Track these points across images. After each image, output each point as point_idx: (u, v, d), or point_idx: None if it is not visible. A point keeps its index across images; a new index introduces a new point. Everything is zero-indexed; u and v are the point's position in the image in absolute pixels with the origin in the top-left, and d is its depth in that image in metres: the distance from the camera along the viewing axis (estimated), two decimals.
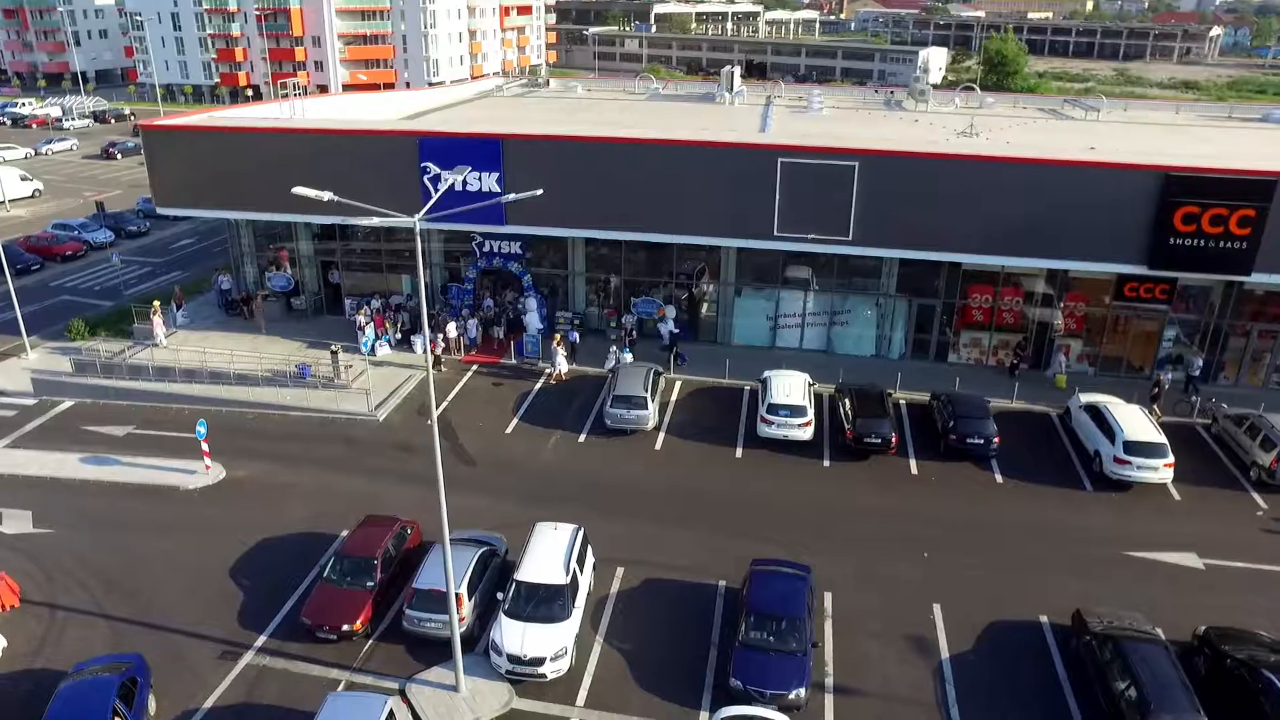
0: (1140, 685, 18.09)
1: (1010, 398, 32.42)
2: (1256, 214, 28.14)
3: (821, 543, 24.64)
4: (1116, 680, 18.73)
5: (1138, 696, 17.95)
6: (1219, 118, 53.94)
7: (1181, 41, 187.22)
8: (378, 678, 19.98)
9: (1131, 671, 18.48)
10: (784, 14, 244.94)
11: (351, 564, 21.65)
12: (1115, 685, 18.68)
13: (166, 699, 19.35)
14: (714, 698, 19.56)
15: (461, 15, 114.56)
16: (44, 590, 23.04)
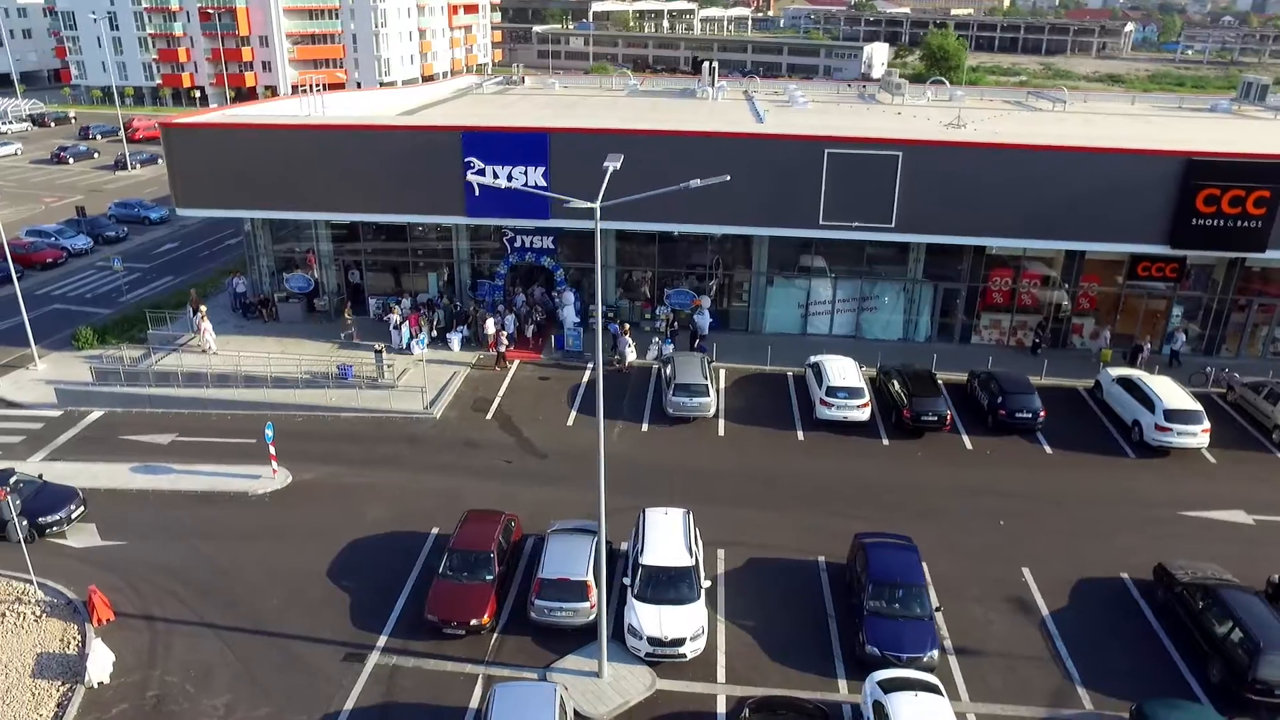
0: (1245, 627, 19.52)
1: (1040, 374, 33.98)
2: (1271, 194, 30.22)
3: (899, 517, 25.52)
4: (1217, 625, 20.14)
5: (1243, 637, 19.38)
6: (1171, 107, 56.90)
7: (1098, 37, 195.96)
8: (514, 669, 20.05)
9: (1233, 615, 19.93)
10: (717, 11, 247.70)
11: (467, 558, 21.61)
12: (1217, 629, 20.09)
13: (302, 704, 19.13)
14: (846, 666, 20.30)
15: (411, 14, 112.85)
16: (135, 603, 22.38)
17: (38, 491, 25.44)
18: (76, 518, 25.29)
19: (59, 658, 20.62)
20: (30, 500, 24.83)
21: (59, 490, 25.75)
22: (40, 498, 25.20)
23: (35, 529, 24.52)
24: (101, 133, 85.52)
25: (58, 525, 24.87)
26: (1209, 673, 20.06)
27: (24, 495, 24.80)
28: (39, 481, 25.98)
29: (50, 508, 24.92)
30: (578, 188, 33.03)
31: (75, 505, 25.24)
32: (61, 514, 24.91)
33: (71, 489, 25.87)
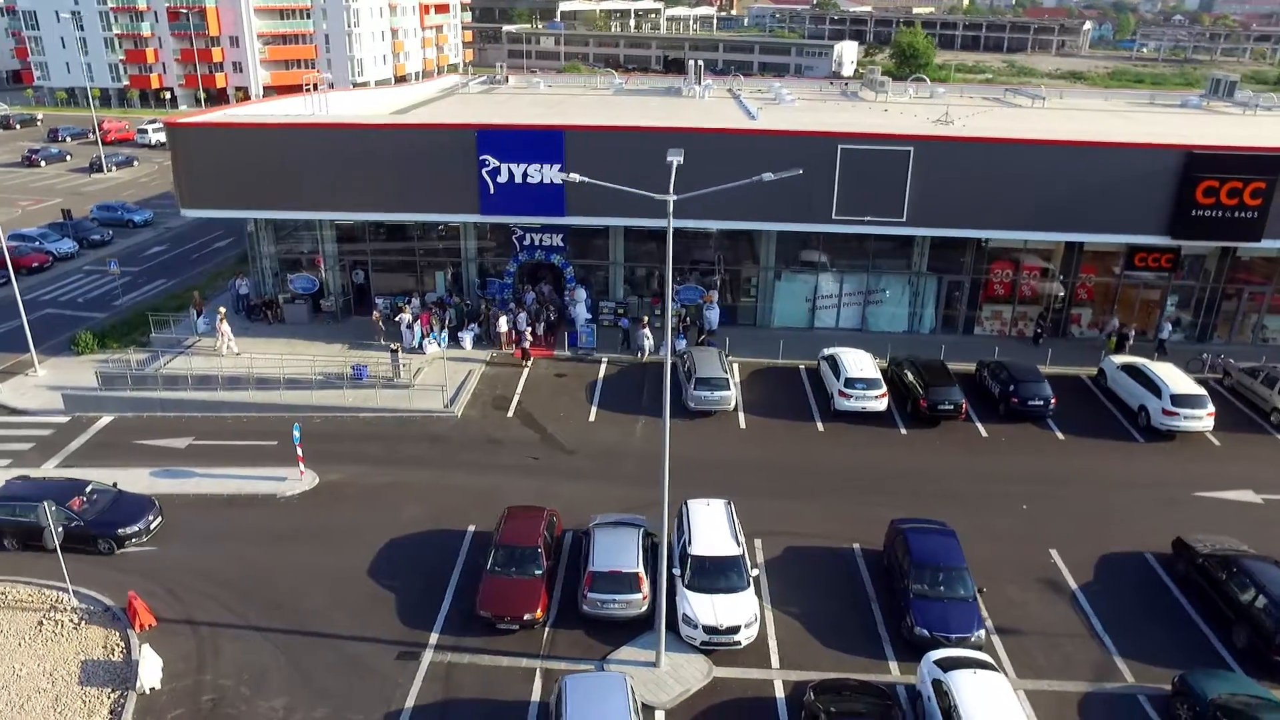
0: (1269, 594, 20.48)
1: (1044, 363, 34.82)
2: (1266, 186, 31.34)
3: (925, 503, 26.05)
4: (1240, 593, 21.07)
5: (1268, 604, 20.31)
6: (1143, 103, 58.42)
7: (1058, 35, 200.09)
8: (569, 662, 20.19)
9: (1256, 583, 20.88)
10: (683, 10, 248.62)
11: (515, 554, 21.67)
12: (1240, 597, 21.02)
13: (361, 703, 19.12)
14: (895, 648, 20.76)
15: (384, 14, 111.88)
16: (174, 608, 22.12)
17: (114, 501, 24.80)
18: (156, 528, 24.64)
19: (105, 665, 20.37)
20: (108, 510, 24.30)
21: (136, 500, 25.13)
22: (118, 508, 24.58)
23: (114, 540, 23.93)
24: (71, 135, 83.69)
25: (137, 537, 24.19)
26: (1234, 639, 21.02)
27: (100, 506, 24.35)
28: (114, 490, 25.28)
29: (129, 518, 24.29)
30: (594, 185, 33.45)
31: (154, 515, 24.67)
32: (141, 524, 24.26)
33: (148, 498, 25.26)
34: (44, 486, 25.01)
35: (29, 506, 23.37)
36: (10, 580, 23.18)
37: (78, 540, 23.67)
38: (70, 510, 23.84)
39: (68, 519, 23.57)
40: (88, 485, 25.01)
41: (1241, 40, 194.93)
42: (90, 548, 23.88)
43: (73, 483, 25.33)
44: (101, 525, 23.95)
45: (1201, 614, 22.07)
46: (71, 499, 24.22)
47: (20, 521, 23.56)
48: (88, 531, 23.82)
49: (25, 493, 24.46)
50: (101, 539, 23.89)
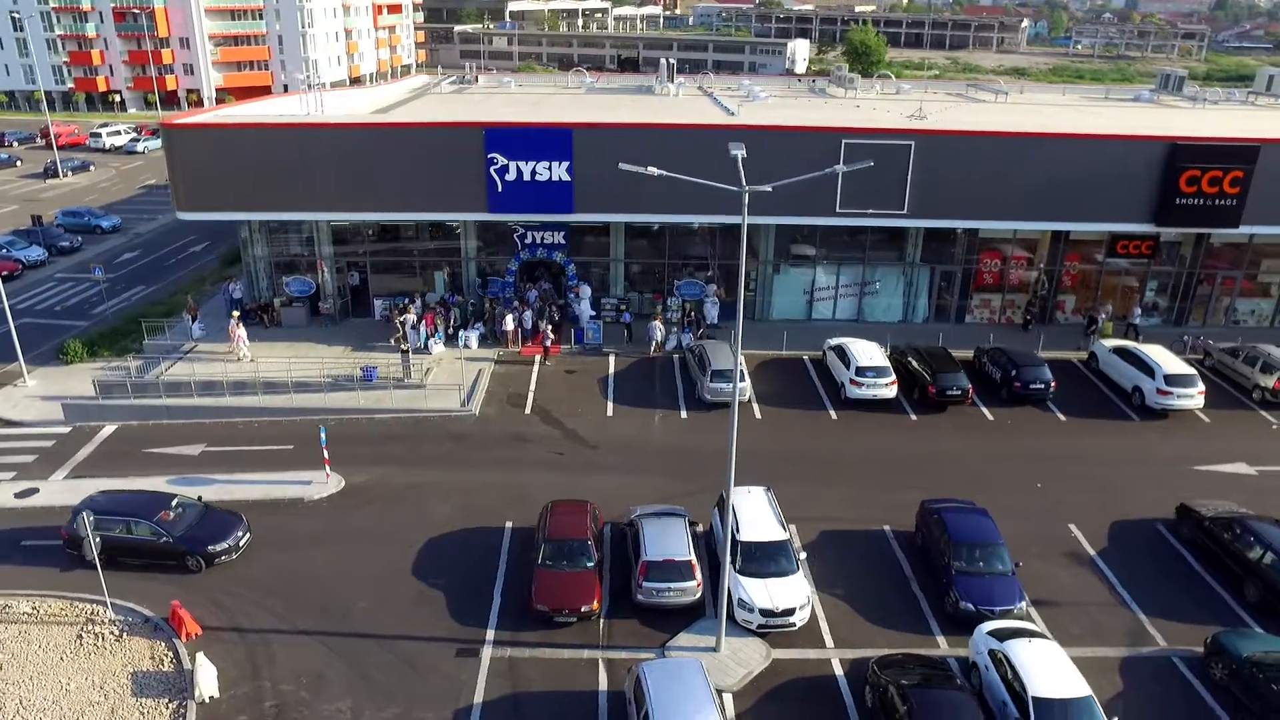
0: (1276, 550, 21.94)
1: (1036, 348, 36.05)
2: (1244, 174, 33.01)
3: (945, 485, 26.84)
4: (1248, 551, 22.54)
5: (1276, 559, 21.79)
6: (1098, 98, 60.68)
7: (998, 33, 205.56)
8: (629, 651, 20.47)
9: (1263, 541, 22.42)
10: (630, 10, 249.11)
11: (565, 547, 21.85)
12: (1248, 554, 22.48)
13: (428, 701, 19.15)
14: (940, 624, 21.50)
15: (337, 14, 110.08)
16: (218, 616, 21.81)
17: (202, 516, 23.79)
18: (245, 545, 23.68)
19: (157, 675, 20.03)
20: (195, 526, 23.33)
21: (223, 516, 24.09)
22: (206, 524, 23.57)
23: (203, 558, 22.94)
24: (18, 139, 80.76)
25: (227, 555, 23.20)
26: (1245, 594, 22.48)
27: (188, 521, 23.40)
28: (200, 504, 24.30)
29: (217, 535, 23.29)
30: (601, 181, 33.79)
31: (243, 531, 23.71)
32: (230, 541, 23.29)
33: (236, 513, 24.27)
34: (129, 500, 24.08)
35: (115, 521, 22.87)
36: (40, 594, 22.61)
37: (165, 557, 22.94)
38: (158, 525, 22.96)
39: (155, 534, 22.83)
40: (173, 499, 24.04)
41: (1169, 37, 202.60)
42: (178, 565, 23.01)
43: (157, 496, 24.40)
44: (190, 542, 22.93)
45: (1210, 573, 23.49)
46: (158, 513, 23.28)
47: (107, 535, 22.58)
48: (176, 548, 22.87)
49: (111, 506, 23.46)
50: (190, 556, 22.91)
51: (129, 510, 23.34)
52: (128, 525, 22.97)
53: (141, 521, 22.96)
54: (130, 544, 23.01)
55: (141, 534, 22.94)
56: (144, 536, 22.93)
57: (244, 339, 33.85)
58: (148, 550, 23.03)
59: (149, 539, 22.91)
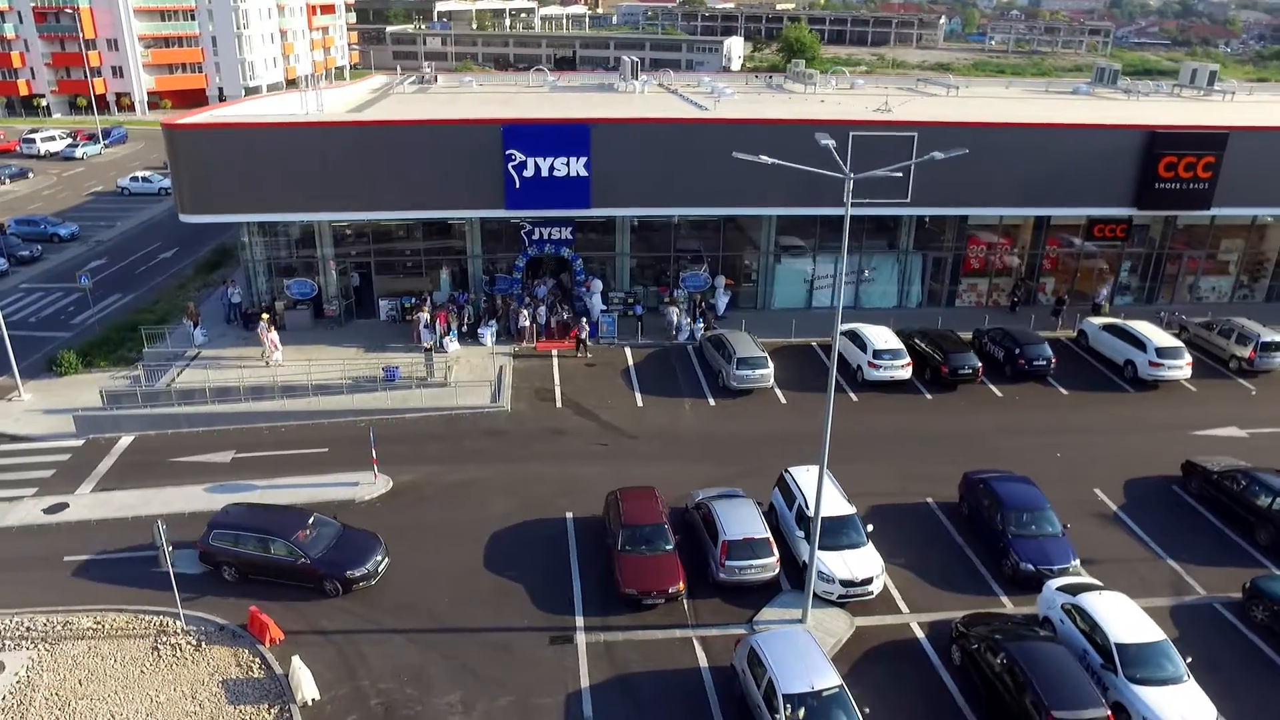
0: None
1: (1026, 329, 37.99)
2: (1215, 160, 35.49)
3: (974, 457, 28.14)
4: (1257, 499, 24.72)
5: None
6: (1039, 90, 63.73)
7: (917, 29, 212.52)
8: (719, 628, 21.12)
9: (1270, 489, 24.59)
10: (556, 9, 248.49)
11: (643, 532, 22.31)
12: (1257, 502, 24.65)
13: (539, 688, 19.41)
14: (1000, 585, 22.77)
15: (272, 15, 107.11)
16: (295, 620, 21.54)
17: (340, 537, 22.63)
18: (383, 570, 22.51)
19: (249, 682, 19.77)
20: (334, 549, 22.22)
21: (362, 536, 22.93)
22: (345, 545, 22.41)
23: (341, 583, 21.83)
24: None
25: (365, 580, 22.01)
26: (1257, 538, 24.59)
27: (326, 541, 22.35)
28: (338, 524, 23.11)
29: (356, 558, 22.14)
30: (618, 176, 34.28)
31: (382, 555, 22.55)
32: (370, 565, 22.11)
33: (374, 535, 23.06)
34: (265, 515, 23.19)
35: (252, 538, 22.18)
36: (99, 609, 22.00)
37: (300, 579, 22.02)
38: (296, 544, 22.03)
39: (291, 554, 21.92)
40: (310, 516, 23.02)
41: (1076, 34, 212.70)
42: (314, 589, 22.06)
43: (294, 512, 23.46)
44: (328, 565, 21.84)
45: (1223, 522, 25.57)
46: (296, 531, 22.29)
47: (241, 552, 22.21)
48: (314, 571, 21.86)
49: (245, 522, 22.74)
50: (328, 580, 21.85)
51: (265, 527, 22.42)
52: (264, 543, 22.12)
53: (278, 540, 22.02)
54: (265, 562, 22.16)
55: (278, 553, 22.02)
56: (280, 556, 22.02)
57: (276, 342, 33.11)
58: (283, 570, 22.09)
59: (285, 559, 21.96)
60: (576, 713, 18.70)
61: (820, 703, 17.09)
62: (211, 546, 22.48)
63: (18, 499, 26.69)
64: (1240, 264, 41.74)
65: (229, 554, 22.39)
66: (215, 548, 22.50)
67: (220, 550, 22.47)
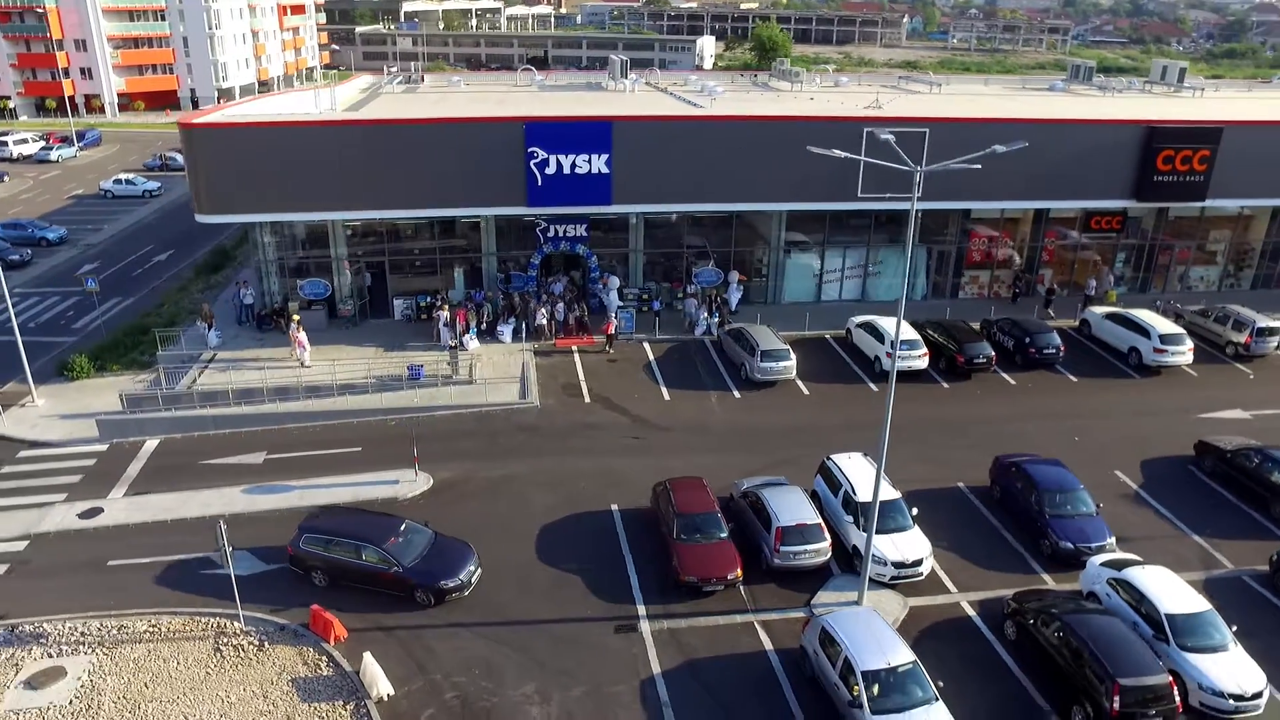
0: None
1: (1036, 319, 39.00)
2: (1210, 153, 36.84)
3: (994, 444, 28.87)
4: (1272, 475, 25.86)
5: None
6: (1016, 88, 65.23)
7: (881, 28, 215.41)
8: (779, 612, 21.62)
9: None
10: (522, 9, 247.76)
11: (697, 521, 22.70)
12: (1273, 478, 25.78)
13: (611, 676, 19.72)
14: (1041, 563, 23.56)
15: (244, 15, 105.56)
16: (354, 618, 21.51)
17: (432, 546, 22.12)
18: (476, 581, 21.99)
19: (319, 680, 19.81)
20: (426, 557, 21.75)
21: (454, 545, 22.42)
22: (437, 554, 21.89)
23: (434, 594, 21.30)
24: None
25: (459, 591, 21.53)
26: (1272, 512, 25.68)
27: (417, 549, 21.85)
28: (430, 532, 22.59)
29: (449, 568, 21.64)
30: (638, 173, 34.67)
31: (474, 565, 22.05)
32: (463, 576, 21.58)
33: (466, 544, 22.55)
34: (356, 521, 22.81)
35: (343, 543, 21.88)
36: (152, 612, 21.87)
37: (391, 587, 21.62)
38: (389, 552, 21.59)
39: (384, 562, 21.52)
40: (401, 523, 22.60)
41: (1037, 32, 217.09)
42: (405, 598, 21.63)
43: (385, 518, 23.07)
44: (421, 574, 21.36)
45: (1237, 497, 26.67)
46: (388, 538, 21.87)
47: (332, 558, 21.90)
48: (406, 580, 21.37)
49: (336, 527, 22.43)
50: (420, 590, 21.36)
51: (356, 532, 22.09)
52: (356, 549, 21.76)
53: (369, 546, 21.65)
54: (356, 569, 21.80)
55: (369, 560, 21.64)
56: (371, 563, 21.63)
57: (304, 342, 32.92)
58: (374, 578, 21.73)
59: (377, 566, 21.58)
60: (652, 699, 19.05)
61: (896, 678, 17.67)
62: (301, 550, 22.27)
63: (49, 505, 26.36)
64: (1228, 254, 43.27)
65: (319, 558, 22.09)
66: (305, 551, 22.25)
67: (310, 554, 22.18)
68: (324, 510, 23.52)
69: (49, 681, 19.89)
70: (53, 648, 20.92)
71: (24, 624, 21.60)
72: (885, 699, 17.36)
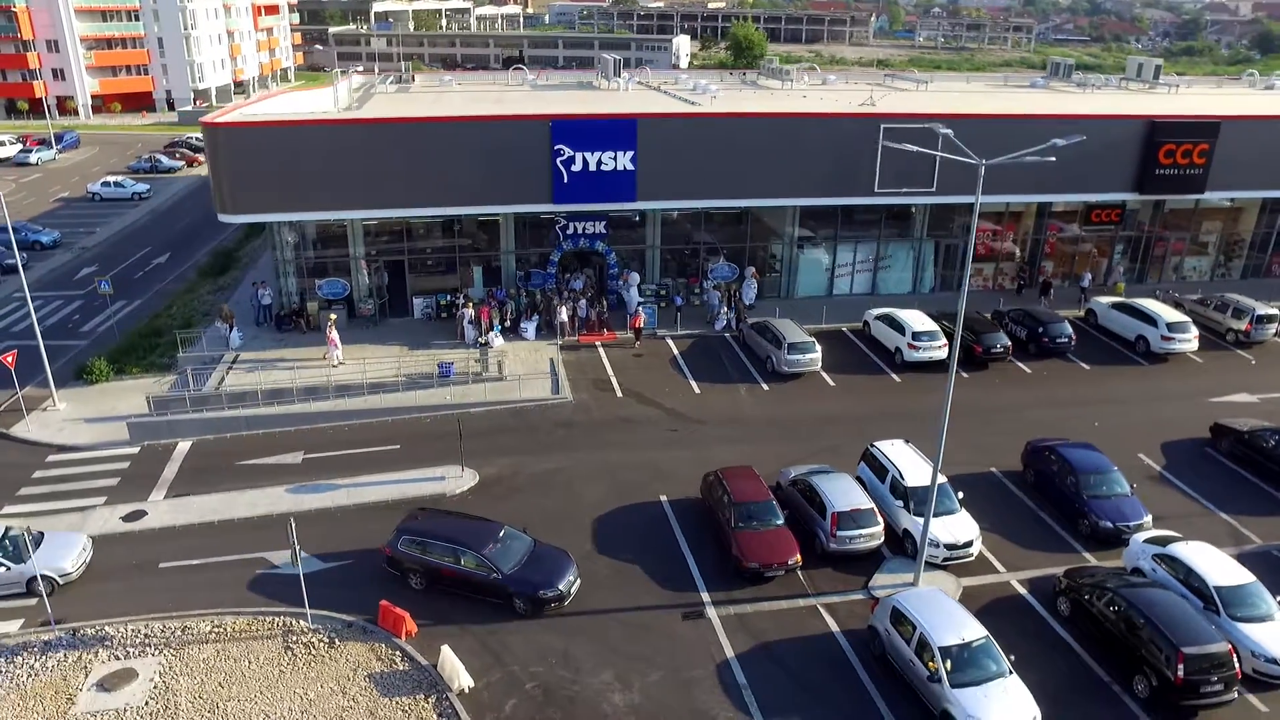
0: None
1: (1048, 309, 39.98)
2: (1209, 147, 38.15)
3: (1019, 430, 29.66)
4: None
5: None
6: (998, 84, 66.65)
7: (849, 27, 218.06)
8: (839, 595, 22.17)
9: None
10: (491, 9, 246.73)
11: (754, 509, 23.15)
12: None
13: (688, 661, 20.12)
14: (1080, 542, 24.38)
15: (219, 15, 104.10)
16: (423, 613, 21.59)
17: (532, 553, 21.84)
18: (575, 592, 21.59)
19: (396, 674, 19.92)
20: (525, 565, 21.46)
21: (553, 555, 22.09)
22: (537, 563, 21.56)
23: (532, 603, 21.04)
24: None
25: (558, 602, 21.16)
26: None
27: (515, 556, 21.56)
28: (529, 539, 22.39)
29: (549, 577, 21.27)
30: (662, 170, 35.07)
31: (574, 575, 21.68)
32: (563, 586, 21.19)
33: (565, 553, 22.29)
34: (455, 525, 22.56)
35: (441, 546, 21.72)
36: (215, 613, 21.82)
37: (488, 593, 21.38)
38: (488, 558, 21.37)
39: (482, 567, 21.30)
40: (500, 529, 22.40)
41: (1000, 30, 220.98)
42: (503, 605, 21.37)
43: (483, 522, 22.80)
44: (520, 583, 21.09)
45: (1257, 475, 27.74)
46: (487, 544, 21.68)
47: (430, 561, 21.75)
48: (504, 587, 21.14)
49: (435, 531, 22.19)
50: (519, 599, 21.13)
51: (455, 536, 21.92)
52: (454, 553, 21.59)
53: (469, 551, 21.48)
54: (455, 574, 21.67)
55: (468, 565, 21.48)
56: (470, 569, 21.48)
57: (337, 341, 32.85)
58: (472, 584, 21.57)
59: (476, 572, 21.40)
60: (730, 682, 19.47)
61: (971, 653, 18.29)
62: (399, 552, 22.09)
63: (89, 509, 26.14)
64: (1219, 245, 44.76)
65: (416, 561, 21.93)
66: (403, 553, 22.06)
67: (407, 556, 22.01)
68: (421, 511, 23.38)
69: (121, 683, 19.82)
70: (118, 650, 20.82)
71: (85, 627, 21.46)
72: (963, 673, 17.98)
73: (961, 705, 17.49)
